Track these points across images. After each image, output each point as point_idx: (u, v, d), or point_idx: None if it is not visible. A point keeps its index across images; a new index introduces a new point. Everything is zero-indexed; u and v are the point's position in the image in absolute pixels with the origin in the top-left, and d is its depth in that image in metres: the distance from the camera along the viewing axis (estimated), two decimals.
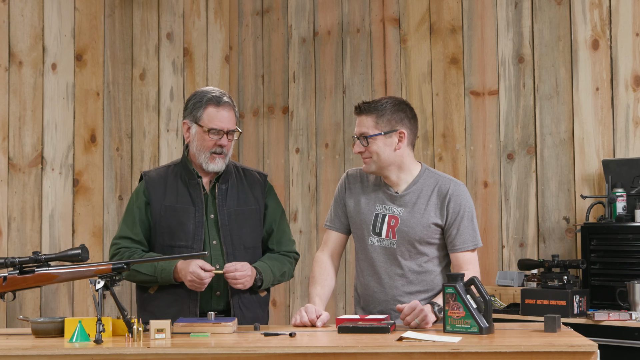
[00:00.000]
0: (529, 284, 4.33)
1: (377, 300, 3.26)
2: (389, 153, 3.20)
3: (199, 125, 3.32)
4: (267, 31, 5.70)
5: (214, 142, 3.31)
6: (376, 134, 3.19)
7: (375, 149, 3.19)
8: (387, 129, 3.19)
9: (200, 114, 3.32)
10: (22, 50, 4.84)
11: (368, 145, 3.20)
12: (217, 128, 3.31)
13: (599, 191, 4.40)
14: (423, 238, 3.21)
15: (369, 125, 3.20)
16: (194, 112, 3.34)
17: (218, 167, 3.33)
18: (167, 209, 3.35)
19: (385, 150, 3.20)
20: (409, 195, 3.24)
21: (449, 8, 4.96)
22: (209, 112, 3.32)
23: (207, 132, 3.30)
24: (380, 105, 3.20)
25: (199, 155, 3.34)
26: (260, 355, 2.61)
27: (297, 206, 5.48)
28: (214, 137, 3.31)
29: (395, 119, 3.20)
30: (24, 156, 4.82)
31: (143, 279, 3.30)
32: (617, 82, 4.41)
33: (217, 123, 3.31)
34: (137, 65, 5.34)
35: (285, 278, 3.47)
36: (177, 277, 3.25)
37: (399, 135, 3.20)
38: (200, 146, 3.33)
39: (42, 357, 2.66)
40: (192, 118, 3.35)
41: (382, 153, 3.19)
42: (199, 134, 3.33)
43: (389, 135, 3.19)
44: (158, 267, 3.26)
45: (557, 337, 2.72)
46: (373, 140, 3.19)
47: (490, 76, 4.80)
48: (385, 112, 3.19)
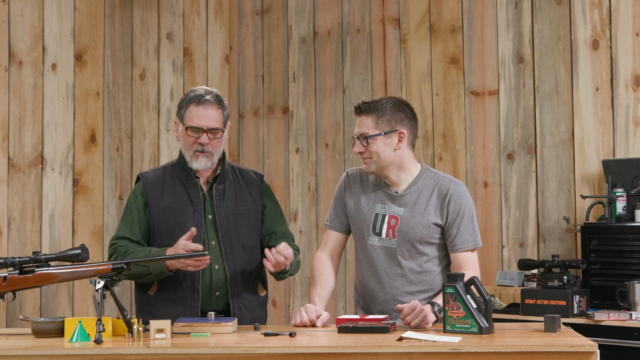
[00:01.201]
0: (529, 284, 4.33)
1: (377, 300, 3.27)
2: (389, 153, 3.20)
3: (183, 123, 3.35)
4: (267, 31, 5.70)
5: (193, 140, 3.31)
6: (376, 134, 3.19)
7: (375, 149, 3.19)
8: (387, 129, 3.19)
9: (183, 112, 3.36)
10: (22, 50, 4.84)
11: (368, 146, 3.20)
12: (196, 126, 3.31)
13: (599, 191, 4.40)
14: (423, 238, 3.21)
15: (369, 126, 3.20)
16: (180, 110, 3.38)
17: (201, 165, 3.33)
18: (166, 209, 3.36)
19: (385, 151, 3.20)
20: (409, 195, 3.24)
21: (449, 8, 4.96)
22: (189, 110, 3.34)
23: (186, 130, 3.32)
24: (380, 106, 3.20)
25: (185, 154, 3.36)
26: (260, 355, 2.61)
27: (297, 206, 5.48)
28: (193, 134, 3.31)
29: (395, 119, 3.20)
30: (24, 156, 4.82)
31: (138, 272, 3.25)
32: (617, 82, 4.41)
33: (196, 121, 3.31)
34: (137, 65, 5.34)
35: (296, 270, 3.48)
36: (168, 264, 3.21)
37: (399, 136, 3.20)
38: (184, 144, 3.36)
39: (42, 357, 2.66)
40: (179, 117, 3.38)
41: (382, 153, 3.19)
42: (183, 132, 3.36)
43: (388, 135, 3.19)
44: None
45: (557, 337, 2.72)
46: (373, 141, 3.19)
47: (490, 76, 4.80)
48: (385, 112, 3.19)
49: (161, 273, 3.24)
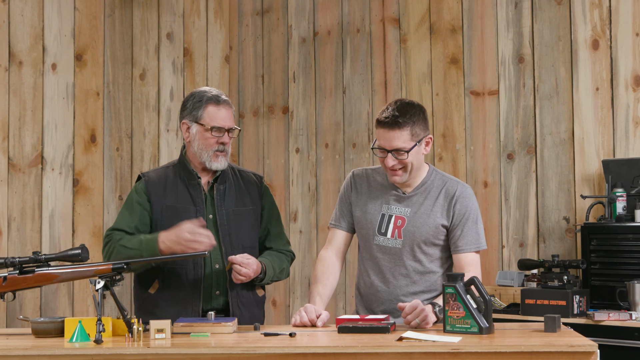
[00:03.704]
0: (529, 284, 4.33)
1: (380, 299, 3.27)
2: (420, 160, 3.23)
3: (200, 124, 3.35)
4: (267, 31, 5.70)
5: (216, 140, 3.35)
6: (413, 147, 3.18)
7: (411, 160, 3.18)
8: (419, 138, 3.19)
9: (200, 113, 3.36)
10: (22, 50, 4.84)
11: (407, 159, 3.18)
12: (219, 126, 3.34)
13: (599, 191, 4.40)
14: (429, 239, 3.22)
15: (406, 139, 3.15)
16: (194, 111, 3.37)
17: (222, 165, 3.36)
18: (169, 208, 3.36)
19: (418, 158, 3.21)
20: (417, 196, 3.26)
21: (449, 8, 4.96)
22: (209, 111, 3.35)
23: (210, 130, 3.34)
24: (411, 117, 3.16)
25: (202, 154, 3.35)
26: (260, 355, 2.61)
27: (297, 206, 5.48)
28: (217, 135, 3.34)
29: (423, 127, 3.21)
30: (24, 156, 4.82)
31: (129, 255, 3.20)
32: (617, 82, 4.41)
33: (219, 121, 3.35)
34: (137, 65, 5.34)
35: (283, 276, 3.49)
36: (162, 248, 3.19)
37: (426, 141, 3.22)
38: (202, 145, 3.35)
39: (42, 357, 2.66)
40: (192, 118, 3.37)
41: (416, 161, 3.20)
42: (200, 133, 3.35)
43: (420, 143, 3.20)
44: (143, 241, 3.23)
45: (557, 337, 2.72)
46: (410, 152, 3.18)
47: (490, 76, 4.81)
48: (416, 123, 3.17)
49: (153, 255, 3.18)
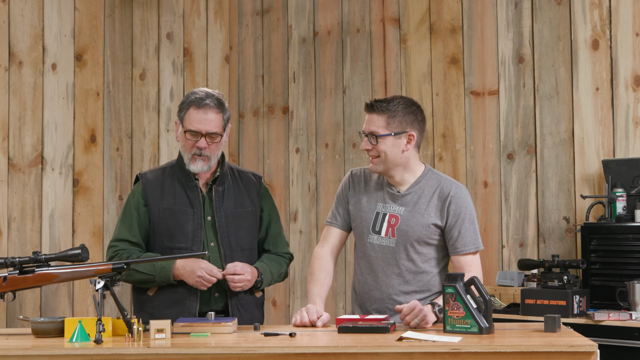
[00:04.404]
0: (529, 284, 4.33)
1: (372, 297, 3.28)
2: (396, 154, 3.21)
3: (182, 125, 3.35)
4: (267, 31, 5.70)
5: (192, 144, 3.31)
6: (386, 134, 3.19)
7: (384, 149, 3.20)
8: (397, 130, 3.20)
9: (183, 114, 3.35)
10: (22, 50, 4.84)
11: (377, 145, 3.20)
12: (194, 130, 3.31)
13: (599, 191, 4.40)
14: (422, 238, 3.22)
15: (380, 125, 3.20)
16: (181, 112, 3.38)
17: (198, 168, 3.33)
18: (166, 211, 3.36)
19: (393, 151, 3.20)
20: (411, 195, 3.25)
21: (449, 8, 4.96)
22: (190, 113, 3.33)
23: (185, 133, 3.32)
24: (393, 106, 3.20)
25: (183, 156, 3.36)
26: (260, 355, 2.61)
27: (297, 206, 5.48)
28: (191, 138, 3.31)
29: (407, 121, 3.21)
30: (24, 156, 4.82)
31: (141, 278, 3.29)
32: (617, 82, 4.41)
33: (195, 125, 3.31)
34: (137, 65, 5.34)
35: (281, 279, 3.51)
36: (176, 274, 3.25)
37: (408, 137, 3.22)
38: (182, 147, 3.37)
39: (42, 357, 2.66)
40: (179, 118, 3.38)
41: (390, 153, 3.20)
42: (182, 135, 3.36)
43: (398, 136, 3.20)
44: (157, 266, 3.27)
45: (557, 337, 2.72)
46: (382, 140, 3.19)
47: (490, 76, 4.80)
48: (397, 114, 3.20)
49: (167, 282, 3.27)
